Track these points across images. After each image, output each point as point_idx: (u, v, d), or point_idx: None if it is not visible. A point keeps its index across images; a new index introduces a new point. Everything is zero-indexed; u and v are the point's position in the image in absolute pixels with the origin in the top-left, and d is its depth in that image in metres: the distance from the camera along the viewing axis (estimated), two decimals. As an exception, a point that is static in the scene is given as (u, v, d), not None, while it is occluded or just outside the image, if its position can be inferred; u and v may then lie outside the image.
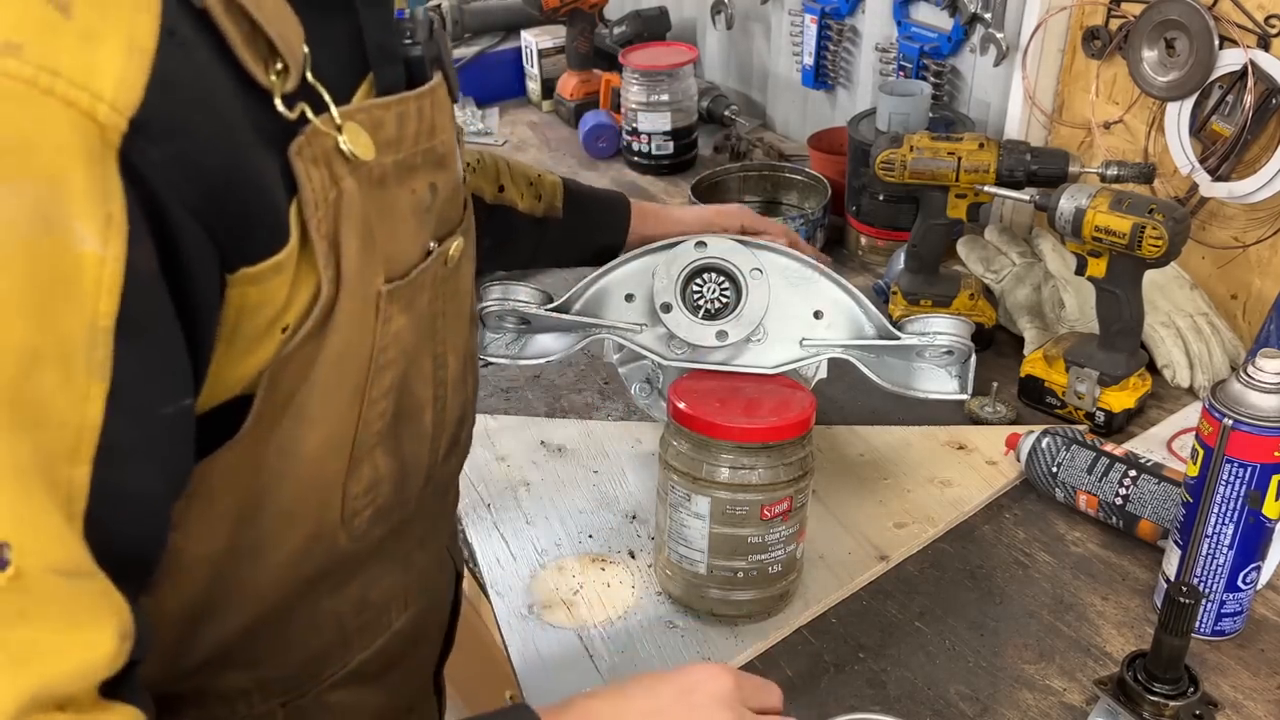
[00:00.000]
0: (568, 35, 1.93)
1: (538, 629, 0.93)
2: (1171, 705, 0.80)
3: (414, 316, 0.62)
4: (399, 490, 0.66)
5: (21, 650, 0.43)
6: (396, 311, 0.60)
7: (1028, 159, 1.19)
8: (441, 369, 0.67)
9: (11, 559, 0.43)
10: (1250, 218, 1.22)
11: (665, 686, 0.65)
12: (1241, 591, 0.89)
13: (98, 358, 0.45)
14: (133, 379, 0.47)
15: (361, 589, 0.70)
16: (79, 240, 0.44)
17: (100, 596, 0.47)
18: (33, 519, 0.44)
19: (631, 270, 0.99)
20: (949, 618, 0.94)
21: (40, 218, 0.43)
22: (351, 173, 0.55)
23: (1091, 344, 1.16)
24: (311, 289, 0.55)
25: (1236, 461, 0.83)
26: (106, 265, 0.45)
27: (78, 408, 0.45)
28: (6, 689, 0.42)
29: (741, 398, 0.91)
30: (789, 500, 0.88)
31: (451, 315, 0.67)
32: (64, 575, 0.45)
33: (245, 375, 0.54)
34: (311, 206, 0.53)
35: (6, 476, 0.43)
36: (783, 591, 0.93)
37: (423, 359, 0.65)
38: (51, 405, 0.44)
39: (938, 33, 1.51)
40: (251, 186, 0.51)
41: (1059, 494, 1.04)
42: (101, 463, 0.46)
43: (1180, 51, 1.21)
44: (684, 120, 1.75)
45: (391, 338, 0.60)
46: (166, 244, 0.48)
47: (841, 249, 1.53)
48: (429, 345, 0.65)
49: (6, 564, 0.43)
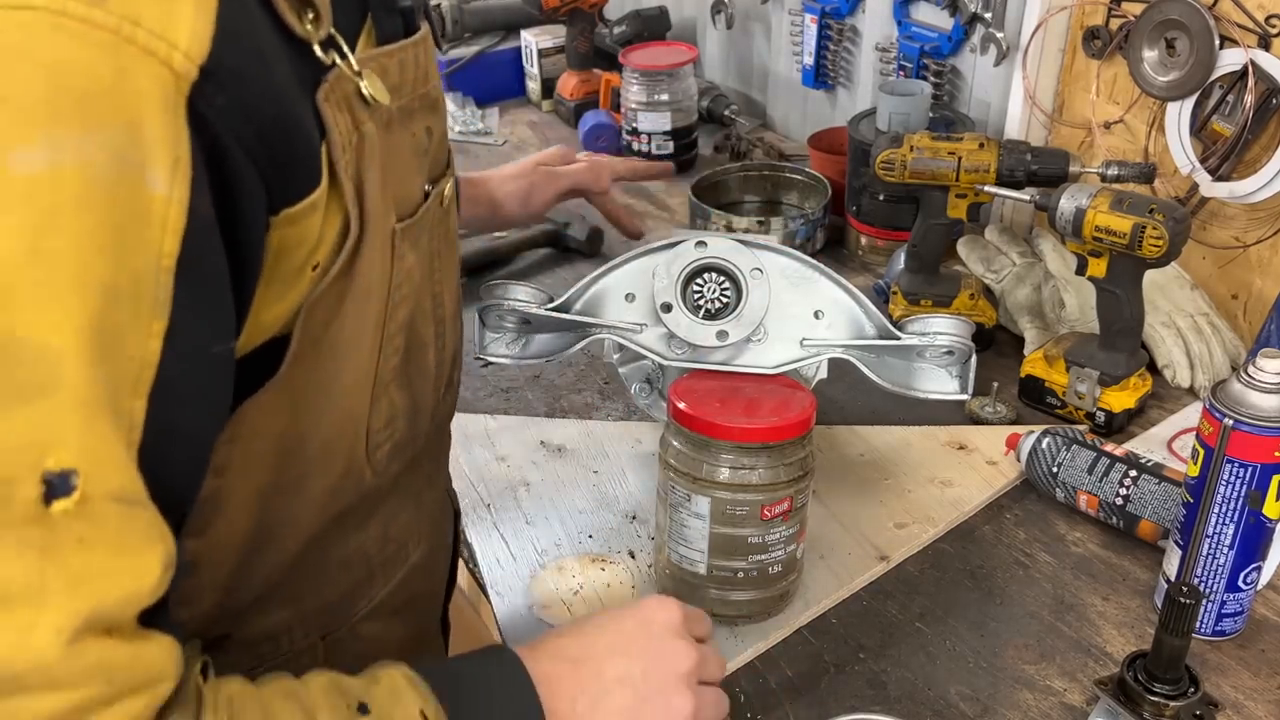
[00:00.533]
0: (568, 35, 1.93)
1: (538, 629, 0.93)
2: (1172, 705, 0.80)
3: (420, 255, 0.66)
4: (411, 425, 0.71)
5: (79, 574, 0.46)
6: (407, 249, 0.64)
7: (1028, 159, 1.19)
8: (440, 308, 0.72)
9: (79, 485, 0.45)
10: (1251, 218, 1.22)
11: (625, 620, 0.70)
12: (1242, 592, 0.89)
13: (160, 296, 0.48)
14: (187, 318, 0.50)
15: (383, 525, 0.75)
16: (151, 183, 0.47)
17: (150, 525, 0.50)
18: (98, 447, 0.47)
19: (631, 270, 0.99)
20: (949, 618, 0.94)
21: (120, 160, 0.46)
22: (371, 117, 0.59)
23: (1092, 344, 1.16)
24: (338, 228, 0.58)
25: (1237, 461, 0.83)
26: (172, 207, 0.48)
27: (142, 343, 0.48)
28: (64, 610, 0.45)
29: (742, 398, 0.90)
30: (789, 500, 0.88)
31: (445, 255, 0.72)
32: (122, 503, 0.48)
33: (281, 315, 0.57)
34: (339, 149, 0.56)
35: (81, 407, 0.46)
36: (783, 592, 0.93)
37: (424, 298, 0.69)
38: (123, 340, 0.47)
39: (938, 32, 1.51)
40: (297, 130, 0.54)
41: (1059, 494, 1.04)
42: (157, 397, 0.49)
43: (1180, 51, 1.21)
44: (684, 120, 1.75)
45: (405, 275, 0.64)
46: (224, 187, 0.51)
47: (841, 249, 1.53)
48: (429, 284, 0.69)
49: (73, 490, 0.45)
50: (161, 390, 0.49)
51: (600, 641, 0.68)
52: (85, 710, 0.47)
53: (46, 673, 0.45)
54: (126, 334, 0.47)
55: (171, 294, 0.49)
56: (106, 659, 0.47)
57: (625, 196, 1.67)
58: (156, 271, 0.48)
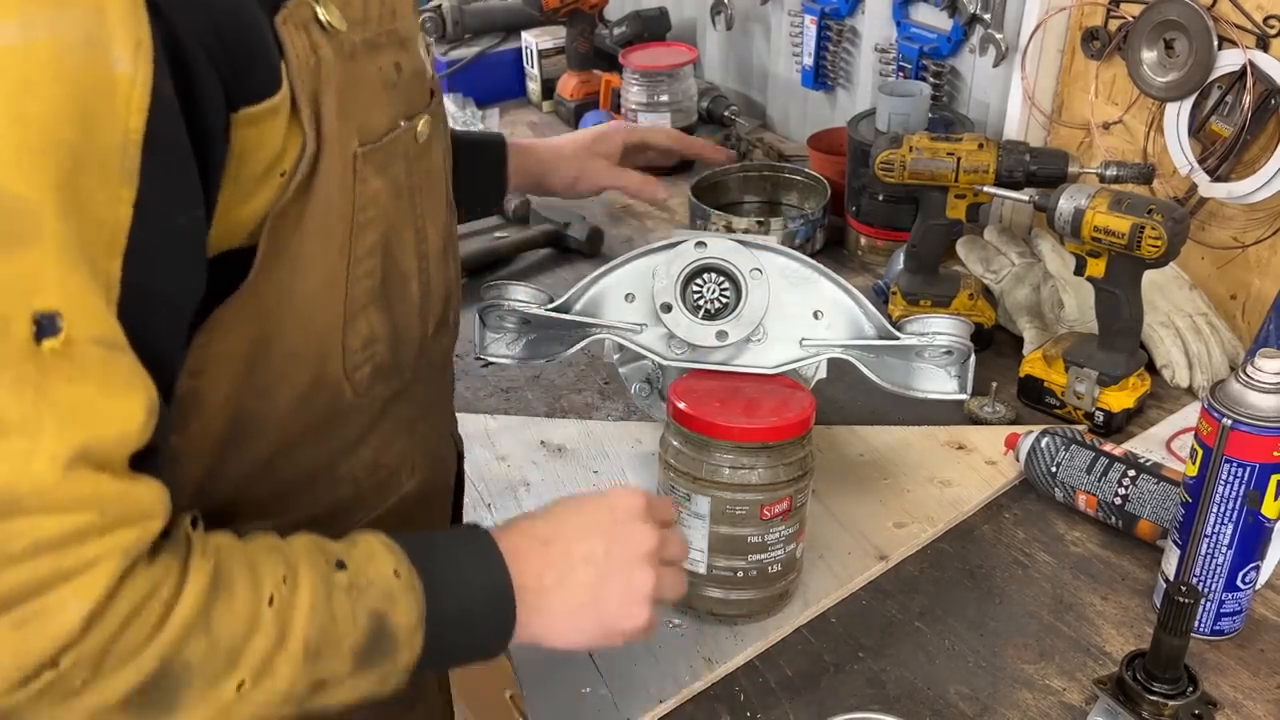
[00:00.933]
0: (568, 36, 1.93)
1: (538, 629, 0.93)
2: (1171, 705, 0.80)
3: (389, 182, 0.69)
4: (394, 352, 0.75)
5: (69, 410, 0.51)
6: (371, 174, 0.67)
7: (1027, 159, 1.19)
8: (423, 243, 0.75)
9: (64, 327, 0.50)
10: (1249, 218, 1.22)
11: (591, 505, 0.74)
12: (1240, 591, 0.89)
13: (128, 167, 0.52)
14: (155, 189, 0.54)
15: (374, 453, 0.78)
16: (115, 61, 0.51)
17: (132, 372, 0.54)
18: (79, 294, 0.51)
19: (631, 270, 1.00)
20: (949, 618, 0.94)
21: (87, 38, 0.50)
22: (328, 42, 0.62)
23: (1091, 344, 1.16)
24: (300, 142, 0.62)
25: (1235, 461, 0.83)
26: (136, 86, 0.52)
27: (112, 208, 0.52)
28: (58, 440, 0.50)
29: (741, 398, 0.91)
30: (789, 500, 0.88)
31: (429, 192, 0.75)
32: (104, 346, 0.52)
33: (250, 218, 0.62)
34: (296, 69, 0.60)
35: (61, 256, 0.50)
36: (782, 591, 0.93)
37: (404, 230, 0.72)
38: (91, 202, 0.51)
39: (937, 33, 1.52)
40: (252, 31, 0.58)
41: (1058, 494, 1.04)
42: (131, 261, 0.54)
43: (1179, 52, 1.21)
44: (684, 120, 1.75)
45: (369, 198, 0.67)
46: (182, 76, 0.54)
47: (841, 249, 1.53)
48: (409, 218, 0.73)
49: (59, 330, 0.50)
50: (135, 255, 0.54)
51: (568, 523, 0.72)
52: (81, 536, 0.52)
53: (44, 497, 0.50)
54: (97, 199, 0.52)
55: (139, 166, 0.53)
56: (100, 491, 0.52)
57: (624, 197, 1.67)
58: (124, 144, 0.52)
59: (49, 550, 0.51)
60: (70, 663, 0.52)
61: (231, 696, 0.57)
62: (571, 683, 0.88)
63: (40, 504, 0.50)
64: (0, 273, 0.49)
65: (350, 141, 0.65)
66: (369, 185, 0.67)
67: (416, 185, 0.73)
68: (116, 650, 0.53)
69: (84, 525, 0.52)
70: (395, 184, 0.70)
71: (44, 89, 0.49)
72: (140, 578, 0.54)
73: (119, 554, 0.53)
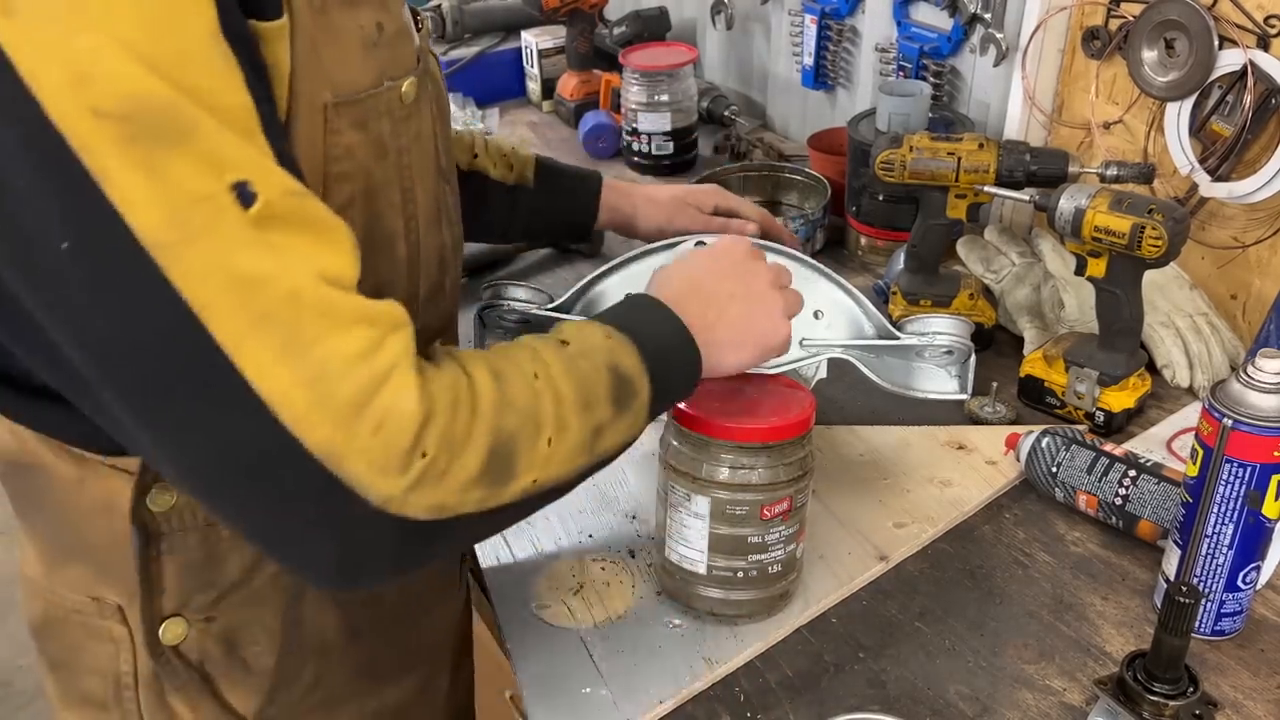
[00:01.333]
0: (568, 35, 1.93)
1: (538, 629, 0.93)
2: (1171, 705, 0.80)
3: (371, 140, 0.71)
4: None
5: (300, 252, 0.58)
6: (346, 126, 0.69)
7: (1027, 159, 1.19)
8: (411, 204, 0.77)
9: (258, 192, 0.56)
10: (1250, 218, 1.22)
11: (713, 256, 0.87)
12: (1241, 591, 0.89)
13: (227, 56, 0.57)
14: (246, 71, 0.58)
15: None
16: None
17: (325, 209, 0.61)
18: (254, 160, 0.57)
19: (632, 271, 1.00)
20: (949, 618, 0.94)
21: None
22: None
23: (1091, 344, 1.16)
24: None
25: (1236, 461, 0.83)
26: None
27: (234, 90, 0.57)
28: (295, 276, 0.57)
29: (741, 398, 0.91)
30: (789, 500, 0.88)
31: (417, 155, 0.77)
32: (295, 195, 0.59)
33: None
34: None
35: (219, 134, 0.56)
36: (782, 591, 0.93)
37: (389, 189, 0.74)
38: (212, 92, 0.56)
39: (937, 33, 1.52)
40: None
41: (1059, 494, 1.04)
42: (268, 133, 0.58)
43: (1180, 52, 1.21)
44: (684, 120, 1.75)
45: (343, 150, 0.69)
46: None
47: (841, 249, 1.53)
48: (395, 177, 0.75)
49: (256, 195, 0.56)
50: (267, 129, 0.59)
51: (705, 273, 0.85)
52: (374, 345, 0.60)
53: (323, 320, 0.58)
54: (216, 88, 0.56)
55: (230, 53, 0.57)
56: (360, 307, 0.60)
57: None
58: (212, 36, 0.56)
59: (357, 361, 0.59)
60: (434, 447, 0.61)
61: (546, 452, 0.68)
62: (571, 683, 0.88)
63: (326, 327, 0.58)
64: (185, 162, 0.55)
65: (321, 91, 0.67)
66: (343, 138, 0.69)
67: (404, 147, 0.75)
68: (458, 432, 0.62)
69: (370, 335, 0.60)
70: (378, 142, 0.72)
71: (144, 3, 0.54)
72: (437, 376, 0.63)
73: (407, 354, 0.61)
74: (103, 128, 0.53)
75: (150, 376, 0.57)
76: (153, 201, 0.54)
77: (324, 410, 0.58)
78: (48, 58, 0.52)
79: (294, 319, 0.57)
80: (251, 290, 0.56)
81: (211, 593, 0.77)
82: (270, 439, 0.57)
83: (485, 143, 1.22)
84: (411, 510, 0.61)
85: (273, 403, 0.57)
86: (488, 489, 0.65)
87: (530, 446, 0.67)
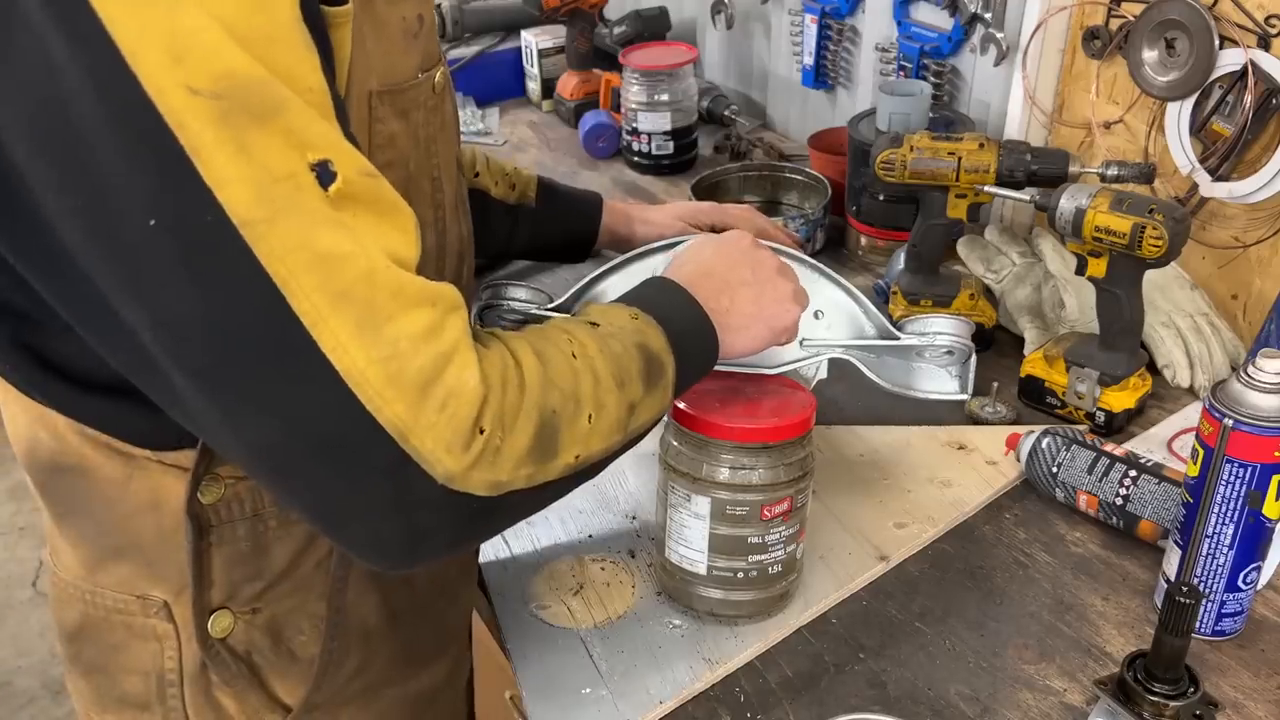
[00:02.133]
0: (568, 35, 1.93)
1: (538, 629, 0.93)
2: (1172, 705, 0.80)
3: (409, 128, 0.74)
4: None
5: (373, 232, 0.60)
6: (388, 114, 0.71)
7: (1028, 159, 1.19)
8: (439, 193, 0.79)
9: (336, 170, 0.58)
10: (1250, 218, 1.22)
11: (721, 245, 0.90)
12: (1242, 591, 0.89)
13: (304, 39, 0.58)
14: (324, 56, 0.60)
15: None
16: None
17: (394, 191, 0.62)
18: (333, 140, 0.58)
19: (632, 271, 0.99)
20: (949, 618, 0.94)
21: None
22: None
23: (1091, 344, 1.16)
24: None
25: (1237, 461, 0.83)
26: None
27: (313, 72, 0.58)
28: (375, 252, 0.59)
29: (741, 398, 0.91)
30: (789, 500, 0.88)
31: (442, 144, 0.79)
32: (369, 176, 0.60)
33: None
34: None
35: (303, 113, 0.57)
36: (783, 592, 0.93)
37: (421, 179, 0.77)
38: (295, 73, 0.57)
39: (938, 33, 1.51)
40: None
41: (1059, 494, 1.04)
42: (340, 117, 0.60)
43: (1180, 51, 1.21)
44: (684, 120, 1.75)
45: (386, 138, 0.72)
46: None
47: (841, 249, 1.53)
48: (426, 166, 0.77)
49: (335, 175, 0.58)
50: (339, 112, 0.60)
51: (716, 261, 0.87)
52: (438, 324, 0.61)
53: (394, 300, 0.59)
54: (299, 70, 0.58)
55: (310, 39, 0.58)
56: (425, 288, 0.62)
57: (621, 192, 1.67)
58: (294, 21, 0.57)
59: (424, 340, 0.60)
60: (490, 424, 0.63)
61: (587, 429, 0.70)
62: (571, 683, 0.88)
63: (396, 307, 0.59)
64: (271, 140, 0.56)
65: (367, 79, 0.68)
66: (387, 126, 0.71)
67: (432, 135, 0.77)
68: (508, 410, 0.64)
69: (433, 316, 0.61)
70: (415, 131, 0.74)
71: None
72: (489, 355, 0.65)
73: (465, 334, 0.63)
74: (197, 105, 0.54)
75: (230, 353, 0.58)
76: (243, 179, 0.55)
77: (397, 387, 0.59)
78: (149, 34, 0.53)
79: (369, 297, 0.58)
80: (331, 268, 0.57)
81: (258, 584, 0.78)
82: (346, 415, 0.58)
83: (487, 161, 1.24)
84: (472, 486, 0.63)
85: (350, 379, 0.58)
86: (536, 464, 0.66)
87: (572, 423, 0.69)
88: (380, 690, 0.88)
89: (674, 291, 0.83)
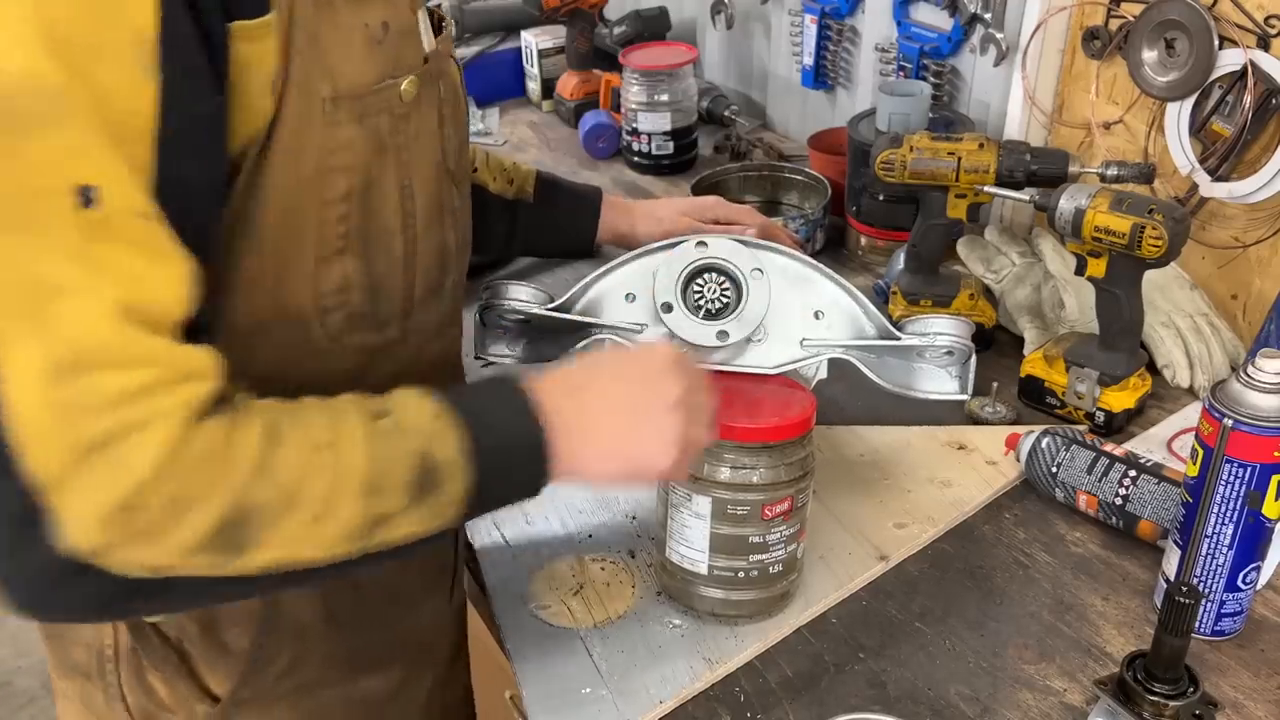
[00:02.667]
0: (568, 35, 1.93)
1: (538, 629, 0.93)
2: (1171, 705, 0.80)
3: (369, 135, 0.72)
4: (373, 303, 0.78)
5: (118, 273, 0.57)
6: (345, 120, 0.70)
7: (1028, 159, 1.19)
8: (409, 200, 0.77)
9: (104, 199, 0.56)
10: (1250, 218, 1.22)
11: (622, 357, 0.80)
12: (1241, 591, 0.89)
13: (146, 62, 0.57)
14: (175, 81, 0.59)
15: None
16: None
17: (171, 243, 0.60)
18: (113, 170, 0.57)
19: (632, 270, 0.99)
20: (949, 618, 0.94)
21: None
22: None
23: (1091, 344, 1.16)
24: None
25: (1236, 461, 0.83)
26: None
27: (136, 97, 0.57)
28: (108, 298, 0.56)
29: (742, 398, 0.91)
30: (790, 500, 0.88)
31: (417, 154, 0.77)
32: (141, 218, 0.58)
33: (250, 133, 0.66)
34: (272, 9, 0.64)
35: (89, 133, 0.56)
36: (783, 591, 0.93)
37: (386, 185, 0.75)
38: (116, 92, 0.56)
39: (938, 33, 1.51)
40: None
41: (1059, 494, 1.04)
42: (161, 148, 0.59)
43: (1180, 52, 1.21)
44: (684, 120, 1.75)
45: (342, 143, 0.70)
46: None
47: (841, 249, 1.53)
48: (393, 174, 0.75)
49: (99, 202, 0.56)
50: (165, 143, 0.59)
51: (602, 372, 0.77)
52: (149, 390, 0.58)
53: (109, 353, 0.56)
54: (121, 89, 0.57)
55: (157, 60, 0.57)
56: (156, 349, 0.59)
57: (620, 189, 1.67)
58: (139, 40, 0.57)
59: (120, 403, 0.57)
60: (157, 507, 0.58)
61: (299, 531, 0.62)
62: (571, 683, 0.88)
63: (107, 359, 0.56)
64: (38, 150, 0.55)
65: (320, 85, 0.68)
66: (341, 131, 0.70)
67: (402, 144, 0.75)
68: (191, 493, 0.59)
69: (150, 380, 0.58)
70: (377, 138, 0.73)
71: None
72: (205, 429, 0.60)
73: (183, 407, 0.59)
74: None
75: None
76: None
77: (63, 439, 0.56)
78: None
79: (73, 340, 0.56)
80: (43, 298, 0.55)
81: None
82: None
83: (486, 156, 1.23)
84: (119, 564, 0.58)
85: (15, 409, 0.55)
86: (217, 556, 0.60)
87: (275, 522, 0.62)
88: (314, 690, 0.88)
89: (513, 396, 0.72)
